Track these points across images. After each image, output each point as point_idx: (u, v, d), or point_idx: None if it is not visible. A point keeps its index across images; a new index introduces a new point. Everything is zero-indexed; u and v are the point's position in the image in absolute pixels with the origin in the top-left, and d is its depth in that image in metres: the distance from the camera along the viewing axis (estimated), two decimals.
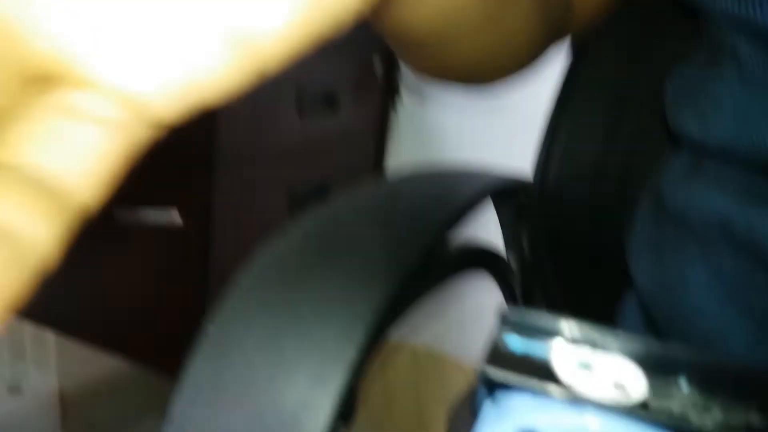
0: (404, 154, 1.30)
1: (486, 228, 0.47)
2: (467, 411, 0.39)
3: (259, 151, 0.90)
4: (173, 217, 0.80)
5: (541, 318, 0.18)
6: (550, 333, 0.18)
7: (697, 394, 0.17)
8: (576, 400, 0.17)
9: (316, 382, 0.22)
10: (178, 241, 0.83)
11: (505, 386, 0.18)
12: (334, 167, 1.12)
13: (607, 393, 0.17)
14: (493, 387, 0.18)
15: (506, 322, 0.18)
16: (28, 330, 1.54)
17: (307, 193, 1.04)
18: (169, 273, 0.87)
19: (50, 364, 1.43)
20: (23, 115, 0.15)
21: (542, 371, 0.17)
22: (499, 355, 0.18)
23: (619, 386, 0.17)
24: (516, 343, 0.18)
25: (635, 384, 0.17)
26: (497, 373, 0.17)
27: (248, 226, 0.90)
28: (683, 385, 0.18)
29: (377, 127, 1.25)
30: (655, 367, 0.18)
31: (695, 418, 0.17)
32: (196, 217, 0.82)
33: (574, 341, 0.18)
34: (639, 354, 0.18)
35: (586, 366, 0.18)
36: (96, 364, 1.43)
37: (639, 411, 0.17)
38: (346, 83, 1.08)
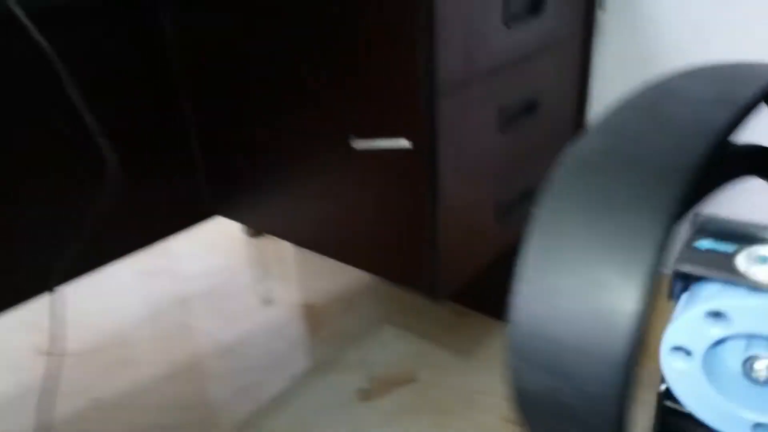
0: (612, 56, 1.23)
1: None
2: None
3: (472, 71, 0.92)
4: (403, 142, 0.85)
5: (729, 223, 0.21)
6: (737, 236, 0.21)
7: None
8: (757, 287, 0.19)
9: (629, 259, 0.25)
10: (409, 162, 0.89)
11: (697, 279, 0.21)
12: (540, 79, 1.10)
13: None
14: (687, 281, 0.21)
15: (700, 227, 0.22)
16: (272, 249, 1.75)
17: (516, 110, 1.04)
18: (400, 192, 0.94)
19: (294, 278, 1.63)
20: None
21: (727, 266, 0.20)
22: (691, 253, 0.21)
23: None
24: (706, 243, 0.21)
25: None
26: (688, 268, 0.21)
27: (466, 144, 0.94)
28: None
29: (583, 29, 1.19)
30: None
31: None
32: (422, 140, 0.87)
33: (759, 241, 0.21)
34: None
35: (765, 260, 0.20)
36: (335, 277, 1.60)
37: None
38: None
